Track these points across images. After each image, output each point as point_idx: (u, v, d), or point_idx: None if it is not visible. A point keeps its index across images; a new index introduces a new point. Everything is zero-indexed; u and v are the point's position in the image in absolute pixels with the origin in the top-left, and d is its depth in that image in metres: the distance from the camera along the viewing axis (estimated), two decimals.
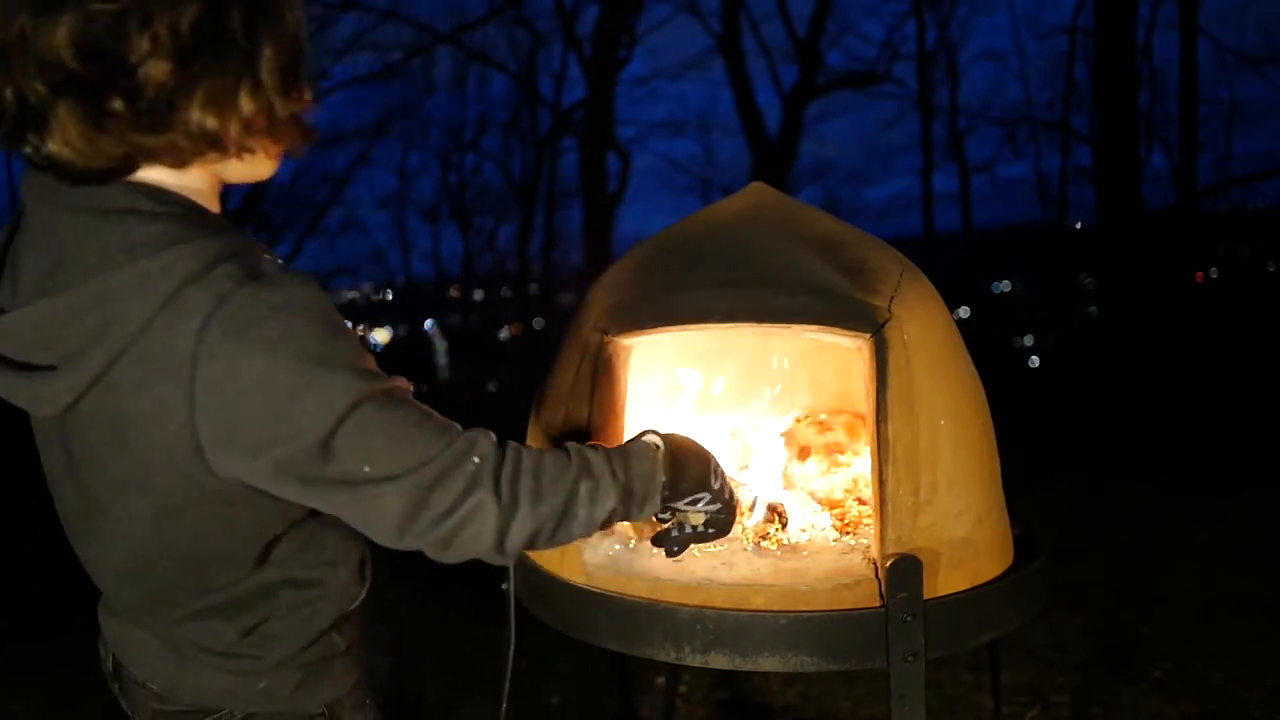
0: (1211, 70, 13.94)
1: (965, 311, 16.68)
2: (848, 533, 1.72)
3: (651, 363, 2.00)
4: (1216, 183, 13.98)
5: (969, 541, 1.52)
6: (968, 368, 1.66)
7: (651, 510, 1.10)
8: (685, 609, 1.44)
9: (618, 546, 1.64)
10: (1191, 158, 11.07)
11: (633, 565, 1.58)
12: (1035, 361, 16.03)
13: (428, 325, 24.77)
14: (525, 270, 19.88)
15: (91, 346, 0.88)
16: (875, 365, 1.52)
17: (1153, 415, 6.85)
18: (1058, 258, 16.63)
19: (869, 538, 1.65)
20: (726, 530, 1.25)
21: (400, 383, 0.96)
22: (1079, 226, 16.22)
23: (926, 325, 1.58)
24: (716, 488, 1.18)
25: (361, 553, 1.16)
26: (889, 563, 1.43)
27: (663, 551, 1.27)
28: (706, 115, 20.75)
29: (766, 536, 1.69)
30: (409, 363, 21.86)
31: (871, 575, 1.49)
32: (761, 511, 1.74)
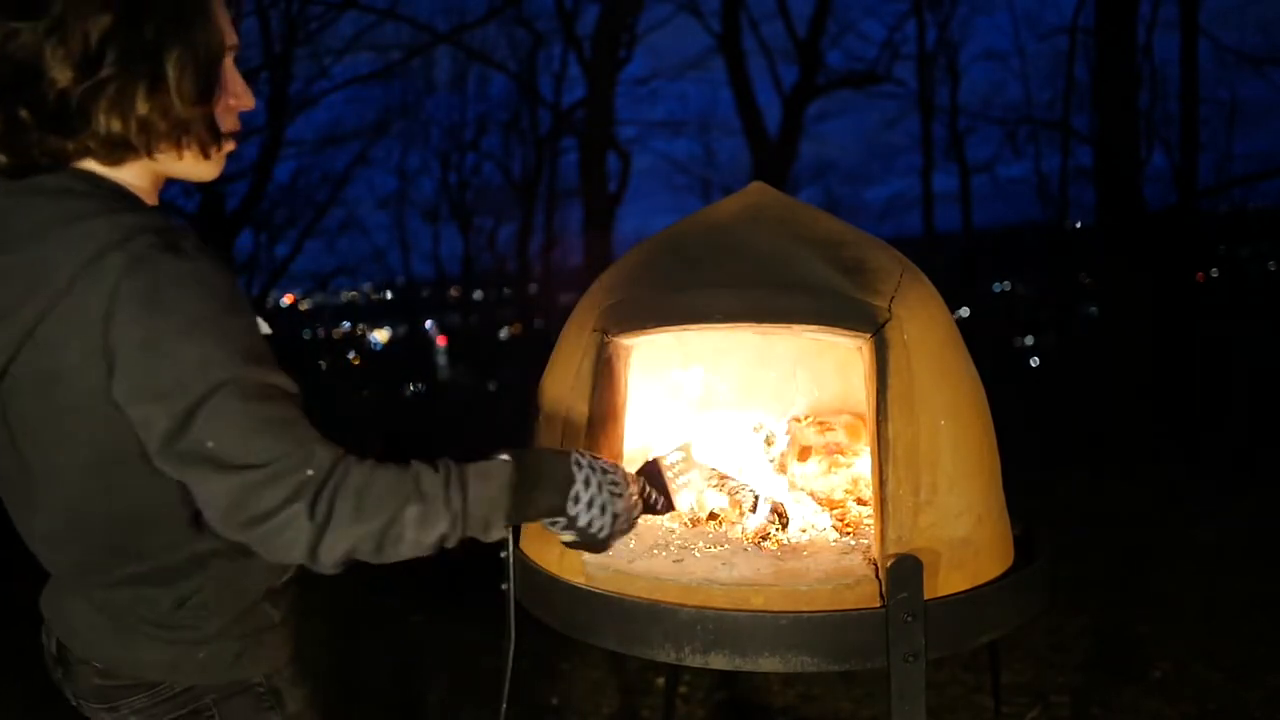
0: (1212, 70, 13.96)
1: (965, 311, 16.67)
2: (848, 533, 1.72)
3: (651, 363, 2.00)
4: (1217, 183, 13.98)
5: (969, 541, 1.52)
6: (968, 368, 1.66)
7: (498, 534, 1.10)
8: (685, 609, 1.44)
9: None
10: (1192, 157, 11.08)
11: (633, 565, 1.58)
12: (1035, 361, 16.03)
13: (428, 325, 24.78)
14: (525, 270, 19.87)
15: (20, 306, 0.95)
16: (875, 365, 1.52)
17: (1153, 415, 6.85)
18: (1058, 258, 16.63)
19: (869, 538, 1.64)
20: (598, 550, 1.24)
21: (279, 379, 0.99)
22: (1079, 226, 16.22)
23: (927, 325, 1.58)
24: (573, 514, 1.15)
25: None
26: (889, 563, 1.42)
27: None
28: (706, 115, 20.73)
29: (767, 536, 1.69)
30: (409, 363, 21.89)
31: (872, 575, 1.49)
32: (764, 512, 1.74)
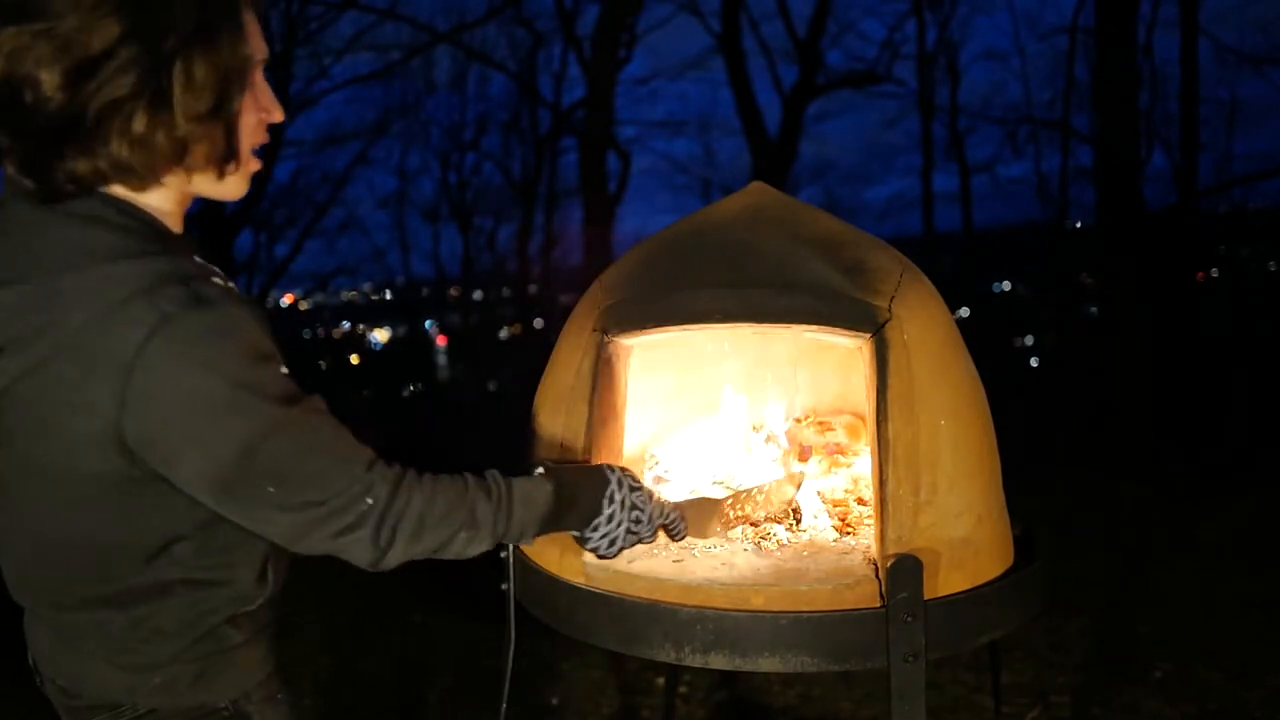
0: (1212, 70, 13.97)
1: (965, 311, 16.66)
2: (848, 533, 1.72)
3: (651, 363, 2.00)
4: (1217, 183, 13.98)
5: (969, 541, 1.52)
6: (968, 368, 1.66)
7: (525, 543, 1.20)
8: (685, 609, 1.44)
9: None
10: (1192, 157, 11.08)
11: (632, 565, 1.58)
12: (1035, 361, 16.03)
13: (428, 325, 24.77)
14: (525, 270, 19.86)
15: (36, 338, 0.94)
16: (876, 365, 1.52)
17: (1153, 415, 6.84)
18: (1058, 258, 16.62)
19: (869, 538, 1.64)
20: (610, 556, 1.32)
21: (316, 403, 1.02)
22: (1079, 226, 16.22)
23: (927, 325, 1.58)
24: (588, 536, 1.26)
25: (264, 557, 1.16)
26: (889, 563, 1.42)
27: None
28: (706, 115, 20.71)
29: (767, 536, 1.69)
30: (409, 363, 21.88)
31: (872, 575, 1.49)
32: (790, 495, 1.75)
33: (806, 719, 2.99)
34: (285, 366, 1.02)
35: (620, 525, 1.26)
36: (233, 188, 1.07)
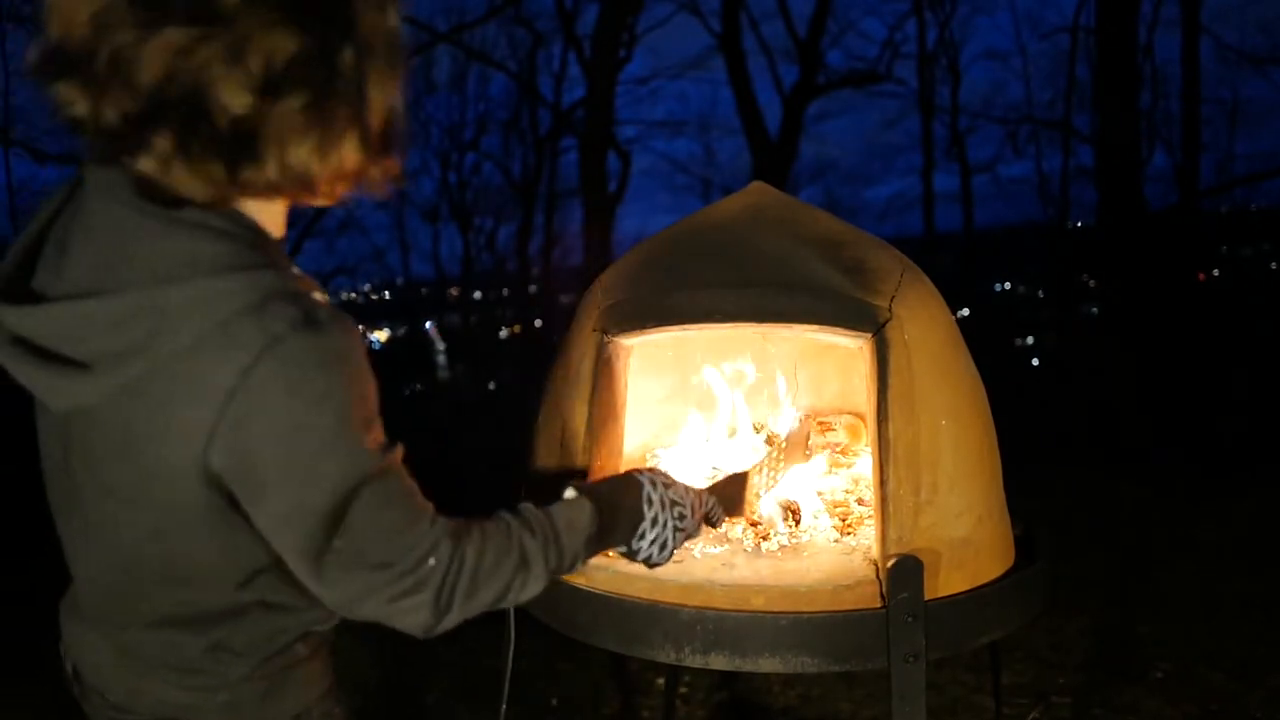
0: (1213, 69, 14.02)
1: (965, 311, 16.67)
2: (848, 533, 1.72)
3: (651, 363, 2.00)
4: (1218, 182, 13.99)
5: (970, 542, 1.52)
6: (968, 368, 1.66)
7: (577, 570, 1.17)
8: (685, 610, 1.44)
9: None
10: (1193, 157, 11.09)
11: (632, 566, 1.57)
12: (1035, 361, 16.02)
13: (428, 325, 24.77)
14: (525, 270, 19.86)
15: (133, 356, 0.87)
16: (876, 365, 1.52)
17: (1153, 415, 6.84)
18: (1059, 258, 16.62)
19: (869, 538, 1.64)
20: (663, 561, 1.28)
21: (399, 453, 0.97)
22: (1080, 226, 16.22)
23: (927, 325, 1.58)
24: (635, 549, 1.23)
25: None
26: (890, 563, 1.42)
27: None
28: (706, 115, 20.74)
29: (767, 537, 1.69)
30: (408, 363, 21.88)
31: (872, 576, 1.48)
32: (775, 508, 1.74)
33: (806, 719, 2.99)
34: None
35: (667, 526, 1.22)
36: (326, 201, 1.01)
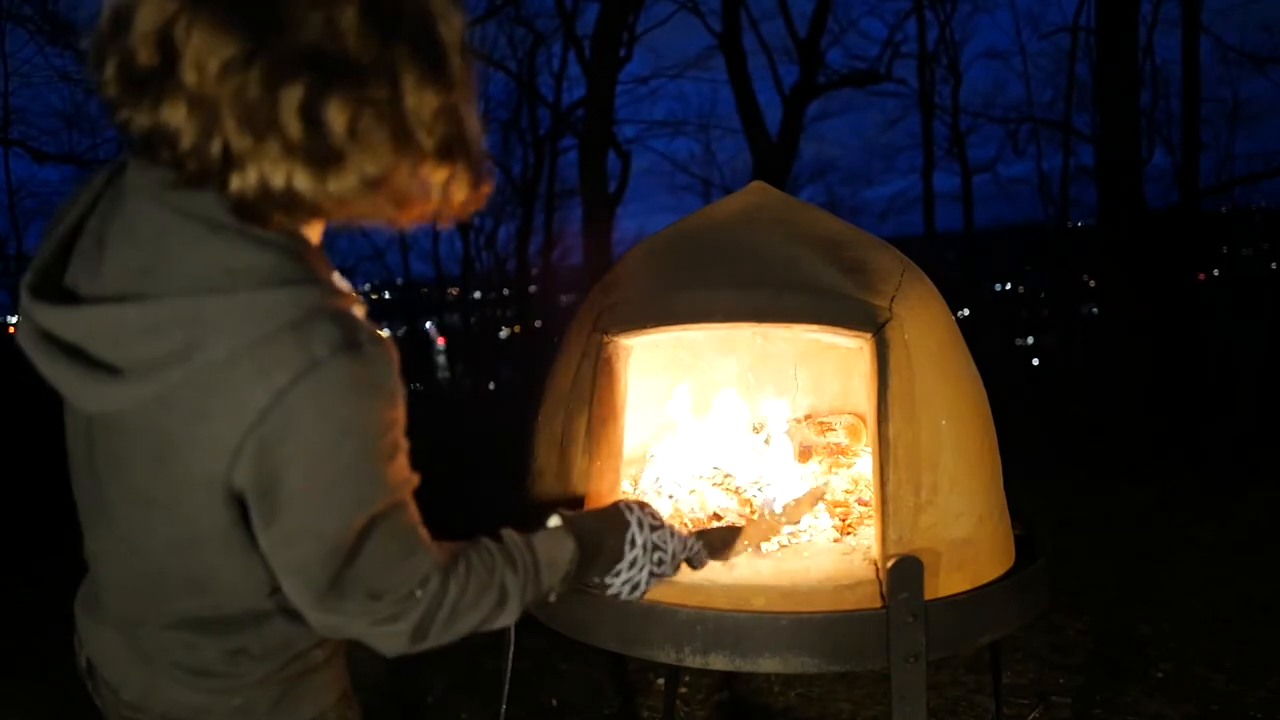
0: (1214, 69, 14.01)
1: (965, 311, 16.67)
2: (848, 533, 1.71)
3: (651, 363, 1.99)
4: (1219, 182, 13.97)
5: (970, 542, 1.52)
6: (969, 368, 1.65)
7: (549, 601, 1.15)
8: (685, 610, 1.44)
9: None
10: (1193, 157, 11.08)
11: None
12: (1035, 361, 16.02)
13: (428, 325, 24.79)
14: (525, 270, 19.87)
15: (169, 365, 0.86)
16: (876, 365, 1.52)
17: (1154, 415, 6.84)
18: (1059, 258, 16.62)
19: (869, 538, 1.64)
20: (631, 599, 1.26)
21: (413, 483, 0.97)
22: (1080, 226, 16.22)
23: (927, 325, 1.58)
24: (608, 583, 1.21)
25: None
26: (890, 563, 1.42)
27: None
28: (707, 115, 20.77)
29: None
30: (408, 363, 21.87)
31: (872, 576, 1.48)
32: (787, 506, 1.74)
33: (806, 719, 2.99)
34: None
35: (643, 570, 1.22)
36: (408, 224, 1.00)
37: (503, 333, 22.58)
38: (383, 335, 0.91)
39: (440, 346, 23.71)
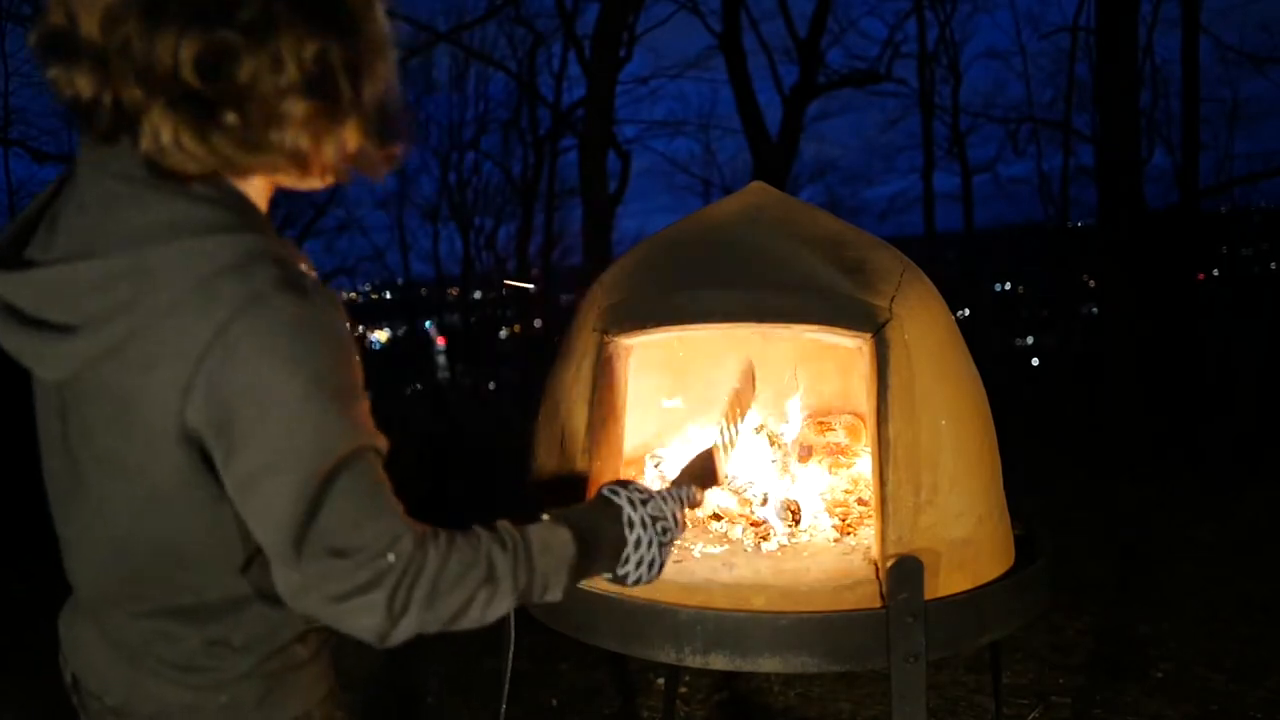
0: (1213, 69, 14.00)
1: (965, 311, 16.67)
2: (848, 533, 1.71)
3: (652, 363, 1.99)
4: (1218, 182, 13.97)
5: (970, 542, 1.52)
6: (968, 368, 1.66)
7: (553, 599, 1.10)
8: (685, 609, 1.44)
9: None
10: (1193, 157, 11.08)
11: None
12: (1035, 361, 16.03)
13: (428, 325, 24.79)
14: (525, 270, 19.87)
15: (117, 316, 0.87)
16: (876, 365, 1.52)
17: (1153, 415, 6.84)
18: (1059, 258, 16.63)
19: (869, 538, 1.64)
20: (651, 579, 1.21)
21: (380, 441, 0.95)
22: (1080, 226, 16.22)
23: (927, 325, 1.58)
24: (620, 574, 1.16)
25: None
26: (890, 563, 1.42)
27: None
28: (706, 115, 20.76)
29: (767, 538, 1.69)
30: (408, 363, 21.88)
31: (872, 576, 1.48)
32: (775, 507, 1.74)
33: (806, 719, 2.99)
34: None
35: (652, 545, 1.17)
36: (319, 183, 1.04)
37: (503, 333, 22.58)
38: (329, 289, 0.92)
39: (440, 346, 23.70)
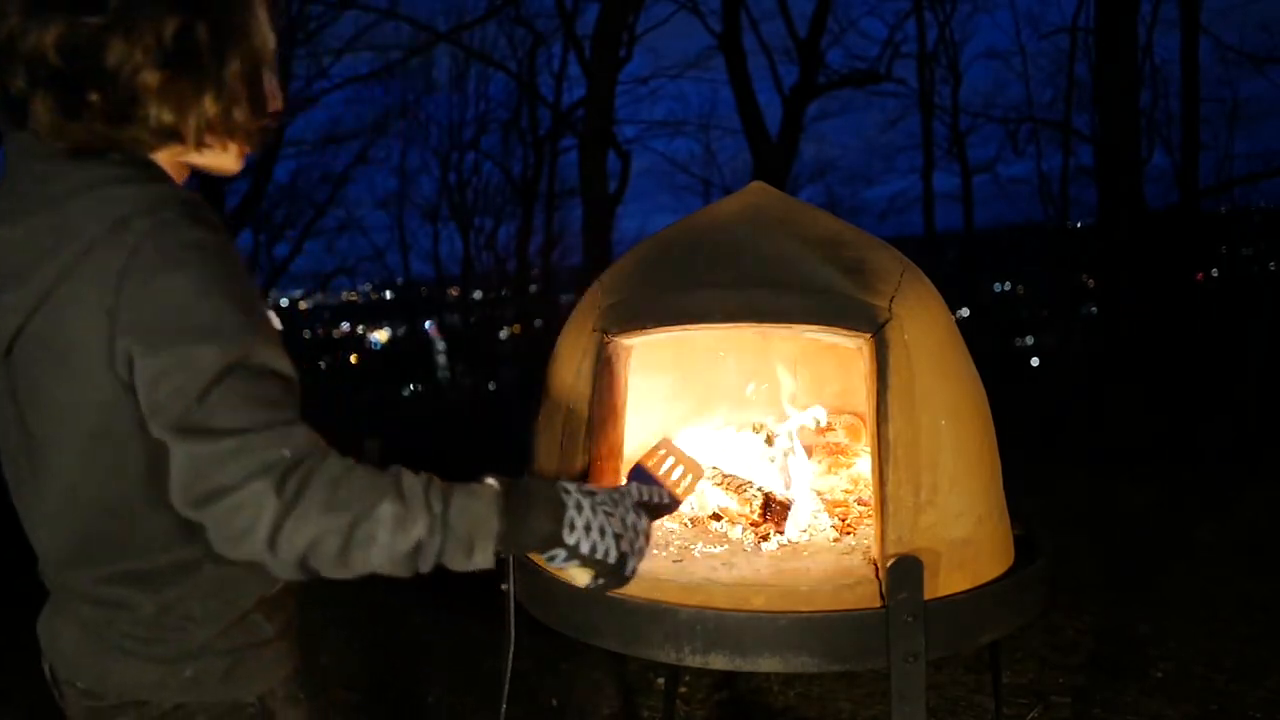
0: (1213, 69, 13.98)
1: (965, 311, 16.67)
2: (848, 533, 1.72)
3: (651, 363, 1.99)
4: (1218, 182, 13.97)
5: (970, 542, 1.52)
6: (968, 368, 1.66)
7: (484, 558, 1.00)
8: (685, 609, 1.44)
9: None
10: (1193, 157, 11.08)
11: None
12: (1035, 361, 16.03)
13: (428, 325, 24.77)
14: (525, 270, 19.87)
15: (42, 263, 0.96)
16: (876, 365, 1.52)
17: (1153, 415, 6.84)
18: (1059, 257, 16.63)
19: (869, 538, 1.64)
20: (620, 581, 1.13)
21: (288, 366, 0.98)
22: (1080, 226, 16.23)
23: (927, 325, 1.58)
24: (572, 542, 1.06)
25: None
26: (890, 563, 1.42)
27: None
28: (706, 115, 20.75)
29: (767, 538, 1.69)
30: (409, 363, 21.88)
31: (872, 576, 1.48)
32: (798, 509, 1.74)
33: (806, 719, 2.99)
34: (275, 324, 1.02)
35: (595, 512, 1.09)
36: (238, 163, 1.12)
37: (503, 333, 22.58)
38: (231, 240, 1.02)
39: (442, 345, 23.69)
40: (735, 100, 12.01)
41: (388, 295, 28.00)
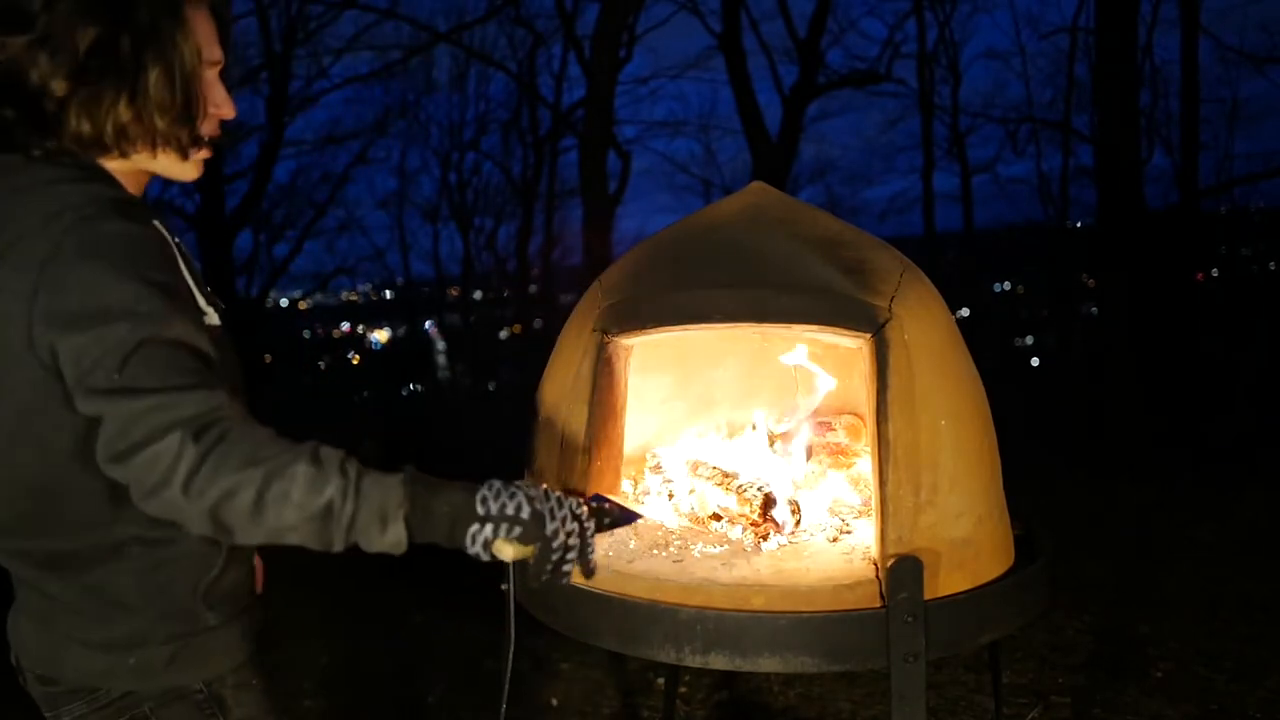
0: (1213, 69, 13.94)
1: (965, 311, 16.66)
2: (848, 533, 1.72)
3: (651, 363, 1.99)
4: (1218, 182, 13.95)
5: (970, 542, 1.52)
6: (968, 368, 1.66)
7: (395, 535, 1.00)
8: (685, 609, 1.44)
9: (615, 549, 1.64)
10: (1193, 157, 11.07)
11: (632, 565, 1.58)
12: (1035, 361, 16.02)
13: (428, 325, 24.76)
14: (525, 270, 19.86)
15: None
16: (876, 365, 1.52)
17: (1153, 415, 6.84)
18: (1058, 257, 16.62)
19: (869, 538, 1.64)
20: (551, 556, 1.11)
21: (206, 346, 1.03)
22: (1080, 226, 16.22)
23: (927, 325, 1.58)
24: (483, 512, 1.05)
25: None
26: (890, 563, 1.42)
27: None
28: (706, 115, 20.70)
29: (767, 537, 1.69)
30: (409, 363, 21.88)
31: (872, 576, 1.49)
32: (783, 508, 1.74)
33: (806, 719, 2.99)
34: (213, 320, 1.09)
35: (507, 486, 1.08)
36: (190, 170, 1.18)
37: (503, 333, 22.57)
38: (174, 240, 1.10)
39: (442, 345, 23.68)
40: (735, 100, 11.99)
41: (388, 295, 27.98)
